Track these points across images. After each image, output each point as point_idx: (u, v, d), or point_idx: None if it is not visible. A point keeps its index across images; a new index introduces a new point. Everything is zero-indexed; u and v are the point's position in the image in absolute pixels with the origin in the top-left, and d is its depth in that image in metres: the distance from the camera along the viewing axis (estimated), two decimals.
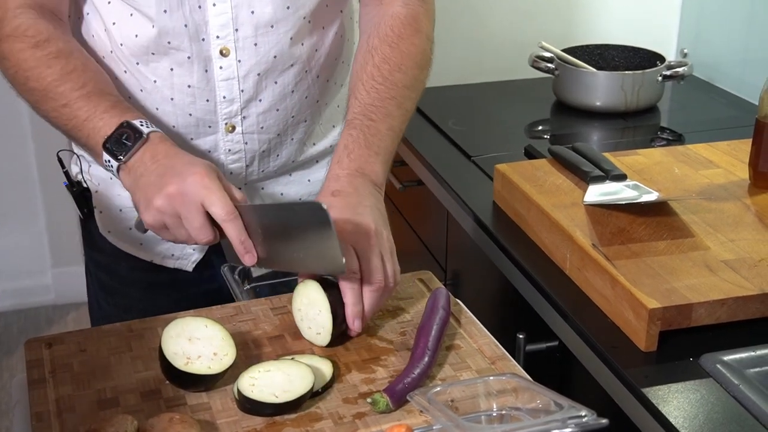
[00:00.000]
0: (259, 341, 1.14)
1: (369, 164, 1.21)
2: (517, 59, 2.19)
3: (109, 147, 1.16)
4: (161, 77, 1.26)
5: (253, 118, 1.30)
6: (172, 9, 1.21)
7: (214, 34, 1.23)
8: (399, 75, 1.26)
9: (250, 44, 1.25)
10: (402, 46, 1.27)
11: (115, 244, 1.41)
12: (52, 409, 1.02)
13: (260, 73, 1.27)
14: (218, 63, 1.25)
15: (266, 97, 1.30)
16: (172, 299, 1.33)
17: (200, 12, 1.22)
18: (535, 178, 1.52)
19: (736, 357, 1.15)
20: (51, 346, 1.13)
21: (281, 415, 1.00)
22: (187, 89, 1.26)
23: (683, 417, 1.06)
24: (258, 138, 1.32)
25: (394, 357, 1.11)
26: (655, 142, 1.93)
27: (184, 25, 1.22)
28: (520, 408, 1.00)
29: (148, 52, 1.24)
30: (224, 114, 1.29)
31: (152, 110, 1.28)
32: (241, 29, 1.24)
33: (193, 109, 1.28)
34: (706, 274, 1.25)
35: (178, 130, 1.29)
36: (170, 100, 1.27)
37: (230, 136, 1.30)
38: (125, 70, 1.27)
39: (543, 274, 1.38)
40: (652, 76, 2.01)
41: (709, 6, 2.29)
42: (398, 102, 1.26)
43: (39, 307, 3.24)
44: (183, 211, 1.10)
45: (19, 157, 3.06)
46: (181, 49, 1.24)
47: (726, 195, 1.48)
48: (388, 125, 1.24)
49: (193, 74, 1.26)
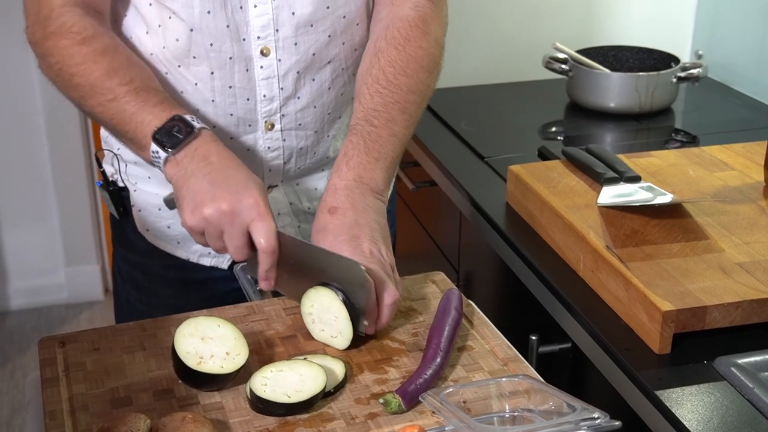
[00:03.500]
0: (272, 341, 1.14)
1: (368, 171, 1.20)
2: (531, 60, 2.19)
3: (159, 138, 1.17)
4: (202, 80, 1.27)
5: (291, 116, 1.32)
6: (215, 10, 1.23)
7: (255, 34, 1.25)
8: (403, 78, 1.26)
9: (290, 44, 1.27)
10: (408, 48, 1.27)
11: (152, 242, 1.42)
12: (65, 407, 1.03)
13: (299, 71, 1.29)
14: (259, 62, 1.27)
15: (304, 95, 1.31)
16: (203, 297, 1.35)
17: (241, 13, 1.24)
18: (548, 180, 1.52)
19: (750, 360, 1.14)
20: (64, 345, 1.14)
21: (293, 415, 1.00)
22: (228, 90, 1.28)
23: (697, 420, 1.06)
24: (296, 135, 1.34)
25: (407, 358, 1.11)
26: (669, 143, 1.92)
27: (226, 26, 1.24)
28: (533, 410, 1.00)
29: (190, 55, 1.26)
30: (264, 112, 1.30)
31: (192, 112, 1.27)
32: (282, 29, 1.26)
33: (234, 109, 1.29)
34: (721, 276, 1.24)
35: (219, 129, 1.30)
36: (211, 101, 1.29)
37: (270, 134, 1.32)
38: (166, 71, 1.28)
39: (556, 276, 1.37)
40: (667, 78, 2.00)
41: (724, 7, 2.28)
42: (402, 107, 1.25)
43: (52, 306, 3.26)
44: (228, 229, 1.12)
45: (33, 157, 3.07)
46: (222, 51, 1.25)
47: (741, 197, 1.47)
48: (390, 131, 1.24)
49: (234, 75, 1.27)
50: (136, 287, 1.48)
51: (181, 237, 1.39)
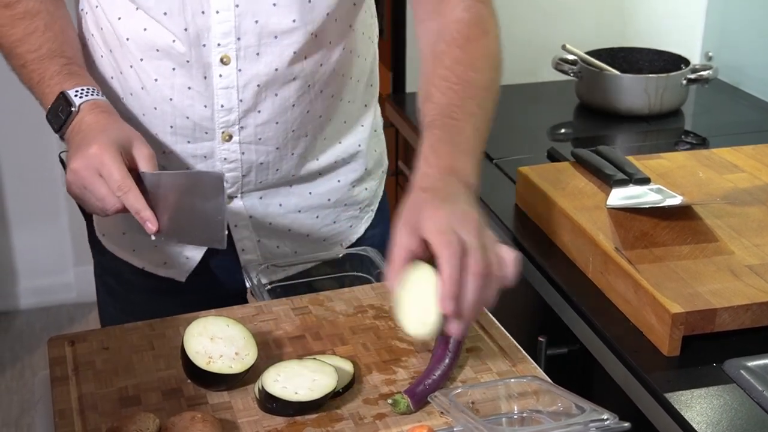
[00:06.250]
0: (280, 341, 1.14)
1: (459, 162, 1.09)
2: (541, 62, 2.18)
3: (50, 119, 1.21)
4: (163, 76, 1.25)
5: (251, 129, 1.27)
6: (172, 12, 1.20)
7: (215, 41, 1.21)
8: (474, 74, 1.17)
9: (252, 54, 1.22)
10: (472, 47, 1.19)
11: (108, 248, 1.40)
12: (74, 406, 1.03)
13: (260, 84, 1.24)
14: (218, 71, 1.23)
15: (265, 109, 1.26)
16: (176, 304, 1.30)
17: (203, 17, 1.20)
18: (557, 181, 1.52)
19: (760, 363, 1.14)
20: (74, 344, 1.14)
21: (302, 415, 1.00)
22: (187, 91, 1.25)
23: (706, 422, 1.06)
24: (255, 149, 1.29)
25: (415, 358, 1.11)
26: (678, 145, 1.92)
27: (184, 29, 1.20)
28: (541, 411, 1.00)
29: (153, 48, 1.23)
30: (221, 123, 1.26)
31: (151, 109, 1.27)
32: (244, 38, 1.21)
33: (191, 113, 1.26)
34: (730, 278, 1.24)
35: (175, 131, 1.28)
36: (169, 100, 1.26)
37: (227, 145, 1.28)
38: (130, 65, 1.26)
39: (565, 278, 1.37)
40: (677, 80, 2.00)
41: (734, 9, 2.27)
42: (478, 102, 1.16)
43: (61, 305, 3.27)
44: (87, 184, 1.14)
45: (42, 156, 3.08)
46: (182, 52, 1.22)
47: (751, 199, 1.47)
48: (473, 125, 1.14)
49: (192, 78, 1.24)
50: (110, 293, 1.46)
51: (136, 245, 1.36)
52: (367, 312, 1.21)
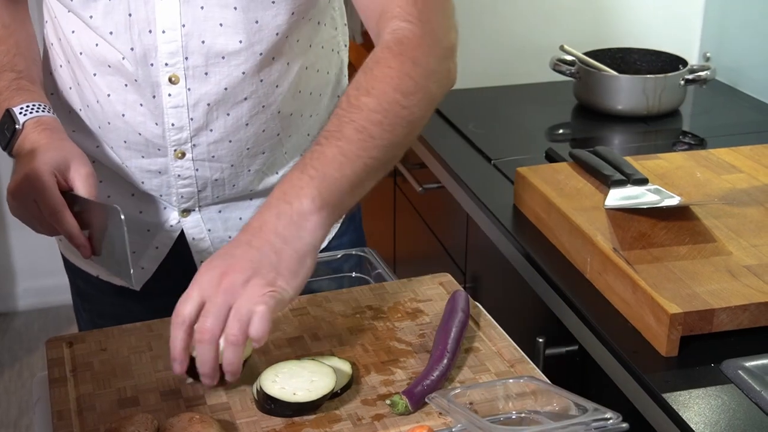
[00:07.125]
0: (279, 342, 1.14)
1: (295, 189, 1.04)
2: (539, 62, 2.19)
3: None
4: (115, 91, 1.23)
5: (203, 147, 1.26)
6: (118, 32, 1.19)
7: (162, 60, 1.20)
8: (366, 99, 1.10)
9: (200, 73, 1.21)
10: (376, 70, 1.12)
11: (64, 254, 1.40)
12: (72, 407, 1.03)
13: (210, 104, 1.23)
14: (167, 90, 1.21)
15: (217, 128, 1.25)
16: (144, 306, 1.30)
17: (150, 37, 1.19)
18: (555, 182, 1.52)
19: (758, 363, 1.14)
20: (72, 345, 1.14)
21: (300, 416, 1.00)
22: (139, 107, 1.24)
23: (704, 423, 1.06)
24: (210, 166, 1.28)
25: (413, 359, 1.11)
26: (677, 146, 1.92)
27: (130, 48, 1.19)
28: (540, 411, 1.00)
29: (105, 64, 1.22)
30: (173, 141, 1.25)
31: (104, 124, 1.26)
32: (191, 58, 1.20)
33: (143, 129, 1.25)
34: (728, 279, 1.24)
35: (129, 146, 1.27)
36: (122, 116, 1.25)
37: (180, 162, 1.27)
38: (85, 78, 1.26)
39: (563, 278, 1.37)
40: (675, 80, 2.00)
41: (733, 9, 2.27)
42: (359, 126, 1.08)
43: (59, 306, 3.26)
44: (22, 209, 1.15)
45: None
46: (130, 71, 1.21)
47: (749, 200, 1.47)
48: (338, 149, 1.07)
49: (143, 95, 1.23)
50: (80, 294, 1.46)
51: None
52: (365, 313, 1.21)
